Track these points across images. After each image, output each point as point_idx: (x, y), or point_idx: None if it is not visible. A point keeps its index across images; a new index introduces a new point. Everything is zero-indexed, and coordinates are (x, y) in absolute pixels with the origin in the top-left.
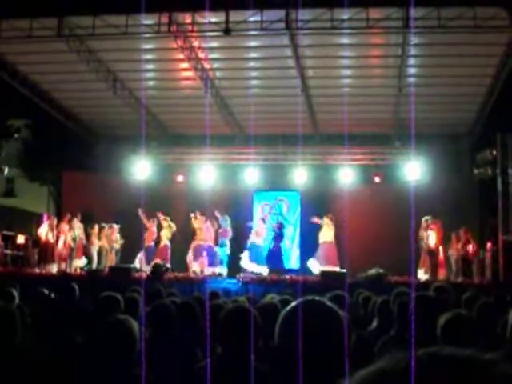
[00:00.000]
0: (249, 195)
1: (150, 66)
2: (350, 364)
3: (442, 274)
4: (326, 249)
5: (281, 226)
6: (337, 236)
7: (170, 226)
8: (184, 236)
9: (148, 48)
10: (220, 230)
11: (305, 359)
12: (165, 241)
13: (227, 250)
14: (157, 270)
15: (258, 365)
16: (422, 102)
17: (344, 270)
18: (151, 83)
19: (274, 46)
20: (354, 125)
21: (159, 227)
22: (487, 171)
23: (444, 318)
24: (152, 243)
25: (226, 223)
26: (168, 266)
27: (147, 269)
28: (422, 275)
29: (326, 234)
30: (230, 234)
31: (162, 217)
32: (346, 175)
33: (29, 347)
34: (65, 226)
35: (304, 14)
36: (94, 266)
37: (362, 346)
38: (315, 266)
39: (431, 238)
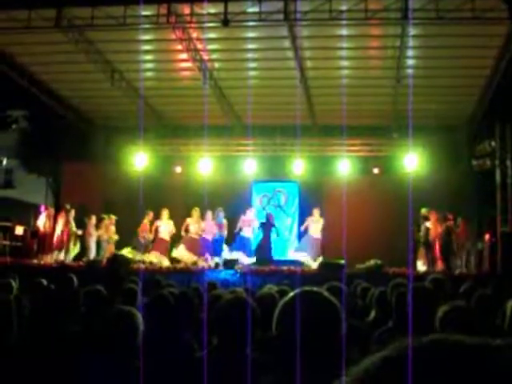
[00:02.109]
0: (247, 186)
1: (149, 57)
2: (347, 354)
3: (440, 265)
4: (317, 244)
5: (270, 217)
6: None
7: (169, 220)
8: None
9: (146, 39)
10: (216, 223)
11: (303, 349)
12: (164, 235)
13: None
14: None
15: (255, 355)
16: (420, 93)
17: (343, 261)
18: (149, 74)
19: (272, 37)
20: (352, 116)
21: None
22: (486, 163)
23: (442, 310)
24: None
25: (221, 215)
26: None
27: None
28: (421, 267)
29: (318, 229)
30: (223, 227)
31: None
32: (345, 166)
33: (26, 338)
34: (62, 217)
35: (303, 5)
36: (92, 256)
37: (360, 337)
38: (300, 256)
39: (428, 229)
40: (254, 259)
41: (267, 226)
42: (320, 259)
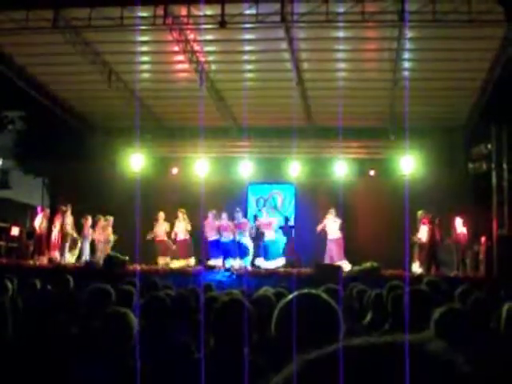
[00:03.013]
0: (243, 188)
1: (146, 59)
2: None
3: (435, 267)
4: (335, 245)
5: (288, 220)
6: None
7: (185, 219)
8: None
9: (143, 40)
10: (235, 224)
11: (301, 351)
12: (184, 235)
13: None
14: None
15: (252, 357)
16: (416, 95)
17: (339, 263)
18: (146, 75)
19: (269, 39)
20: (348, 118)
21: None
22: (482, 165)
23: (438, 312)
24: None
25: (239, 215)
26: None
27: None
28: (417, 269)
29: (335, 229)
30: (245, 225)
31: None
32: (341, 168)
33: (22, 339)
34: (58, 219)
35: (299, 7)
36: (87, 258)
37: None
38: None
39: (423, 231)
40: (282, 262)
41: (287, 228)
42: (344, 262)
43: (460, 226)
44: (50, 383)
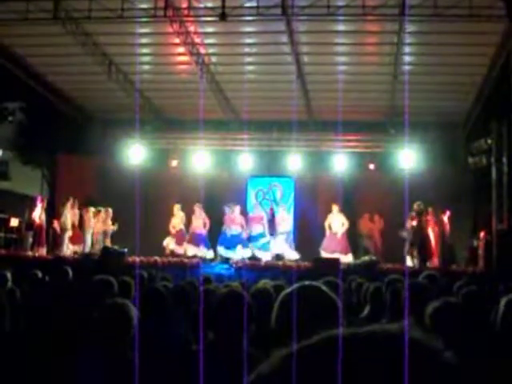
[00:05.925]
0: (243, 181)
1: (146, 50)
2: None
3: (434, 262)
4: (339, 240)
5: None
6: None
7: (201, 214)
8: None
9: (144, 32)
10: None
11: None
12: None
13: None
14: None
15: (250, 350)
16: (417, 89)
17: (337, 257)
18: (146, 67)
19: (269, 31)
20: (348, 112)
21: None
22: (482, 160)
23: (432, 306)
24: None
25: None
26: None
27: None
28: (409, 262)
29: (338, 225)
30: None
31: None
32: (341, 162)
33: (20, 331)
34: (58, 210)
35: (300, 0)
36: (88, 249)
37: None
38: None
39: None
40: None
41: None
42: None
43: (446, 219)
44: (49, 375)
